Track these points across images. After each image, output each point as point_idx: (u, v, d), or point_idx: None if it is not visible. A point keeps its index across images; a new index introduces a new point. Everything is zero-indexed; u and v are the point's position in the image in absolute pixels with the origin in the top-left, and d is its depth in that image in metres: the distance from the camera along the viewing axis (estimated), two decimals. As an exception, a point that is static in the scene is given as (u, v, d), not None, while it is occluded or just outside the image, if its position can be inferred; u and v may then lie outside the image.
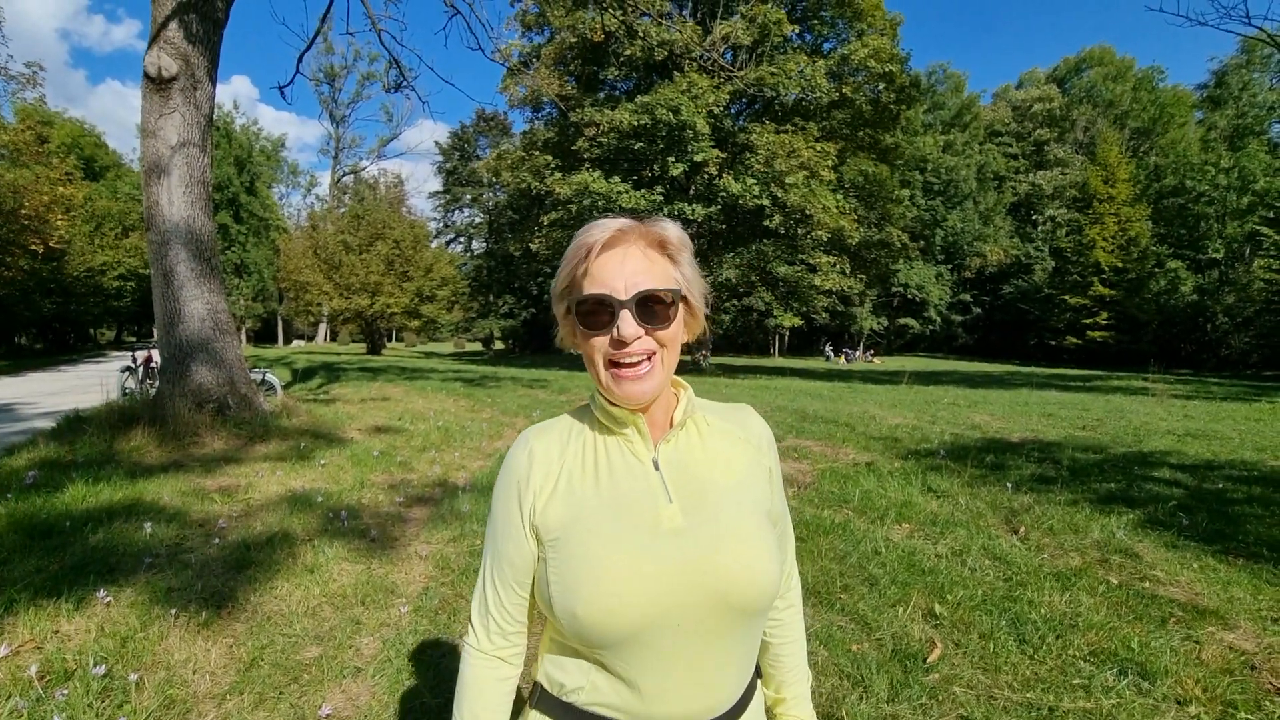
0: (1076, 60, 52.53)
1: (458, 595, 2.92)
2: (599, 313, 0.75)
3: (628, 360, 0.75)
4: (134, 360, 8.96)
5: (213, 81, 6.12)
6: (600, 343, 0.76)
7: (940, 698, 2.15)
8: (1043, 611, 2.74)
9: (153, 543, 3.31)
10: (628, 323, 0.74)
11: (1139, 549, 3.46)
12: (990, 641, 2.49)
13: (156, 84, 5.67)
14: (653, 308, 0.75)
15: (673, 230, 0.80)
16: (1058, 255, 40.64)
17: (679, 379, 0.88)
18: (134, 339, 40.66)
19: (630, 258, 0.76)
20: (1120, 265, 36.10)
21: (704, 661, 0.75)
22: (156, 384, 7.08)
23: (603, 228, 0.77)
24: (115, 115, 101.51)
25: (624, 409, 0.80)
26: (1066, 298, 37.42)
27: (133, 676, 2.14)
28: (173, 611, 2.57)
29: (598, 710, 0.77)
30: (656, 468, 0.80)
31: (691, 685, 0.75)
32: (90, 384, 10.56)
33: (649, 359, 0.76)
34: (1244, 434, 7.35)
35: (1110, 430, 7.60)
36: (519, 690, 0.89)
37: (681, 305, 0.80)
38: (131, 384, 8.70)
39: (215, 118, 6.52)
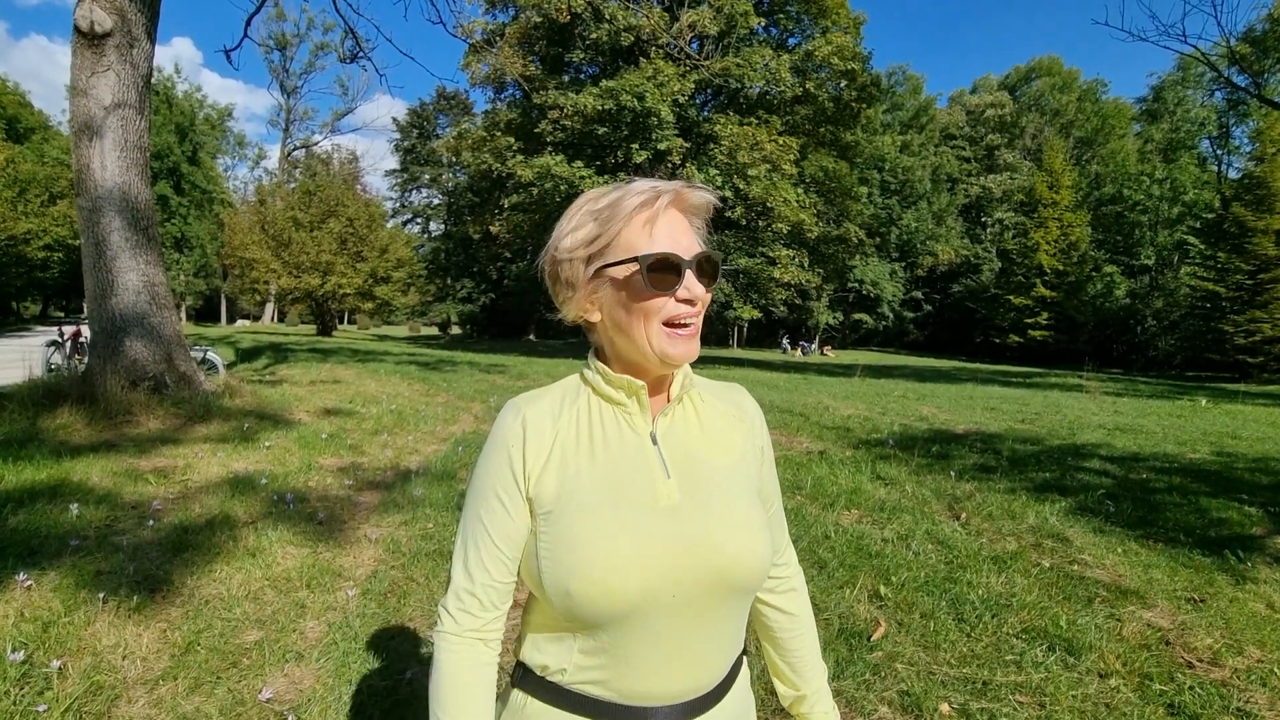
0: (1027, 69, 54.48)
1: (408, 579, 2.87)
2: (668, 272, 0.75)
3: (687, 320, 0.77)
4: (61, 335, 8.42)
5: (151, 40, 5.75)
6: (660, 303, 0.76)
7: (883, 674, 2.23)
8: (980, 592, 2.86)
9: (80, 524, 3.13)
10: (696, 282, 0.76)
11: (1070, 534, 3.65)
12: (931, 621, 2.59)
13: (89, 39, 5.30)
14: (707, 269, 0.78)
15: (700, 196, 0.80)
16: (1004, 257, 42.30)
17: None
18: (62, 313, 38.30)
19: (679, 217, 0.79)
20: (1061, 268, 37.83)
21: (693, 639, 0.76)
22: (85, 360, 6.68)
23: (655, 187, 0.77)
24: (41, 73, 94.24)
25: (626, 380, 0.79)
26: (1011, 298, 39.01)
27: (55, 663, 2.02)
28: (101, 595, 2.44)
29: (582, 689, 0.76)
30: (655, 442, 0.79)
31: (680, 662, 0.75)
32: (12, 359, 9.88)
33: (696, 323, 0.79)
34: (1167, 429, 7.84)
35: (1047, 424, 7.99)
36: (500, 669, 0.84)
37: None
38: (58, 359, 8.18)
39: (155, 81, 6.15)
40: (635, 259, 0.74)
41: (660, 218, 0.76)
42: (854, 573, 3.04)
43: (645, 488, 0.76)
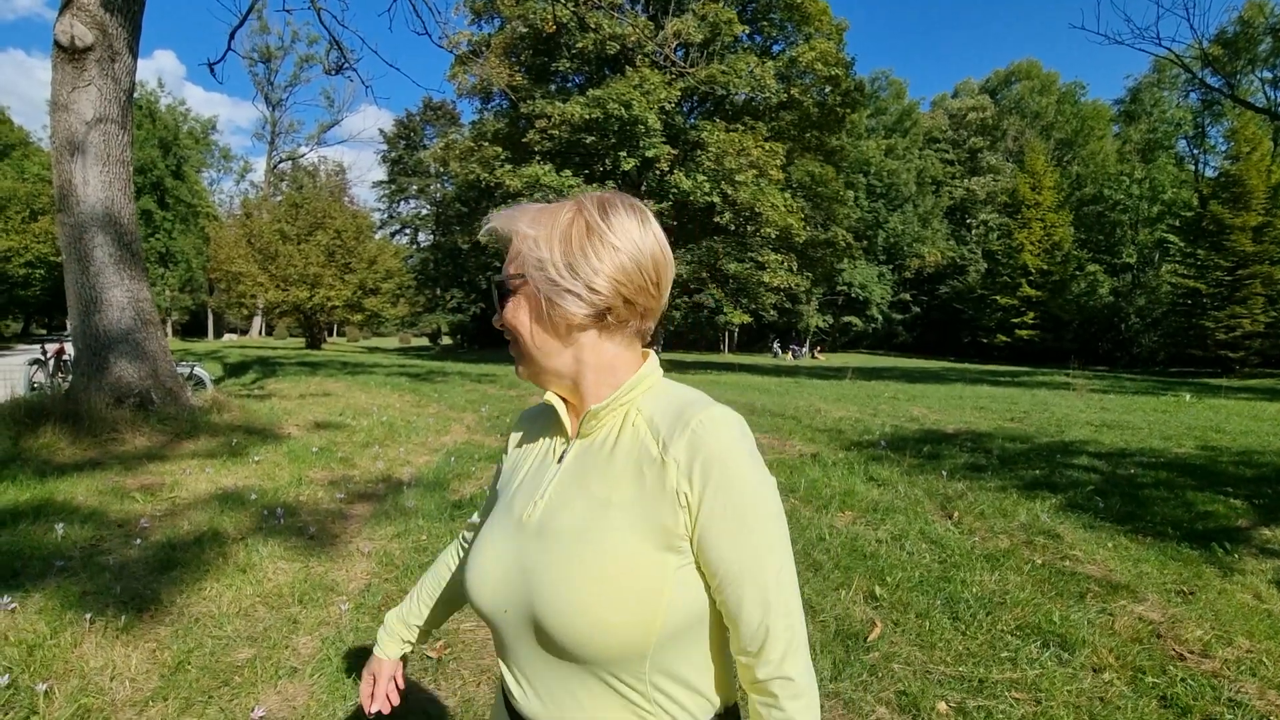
0: (1006, 73, 55.28)
1: (402, 591, 2.84)
2: None
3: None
4: (44, 353, 8.31)
5: (133, 54, 5.72)
6: None
7: (880, 674, 2.23)
8: (974, 590, 2.88)
9: (64, 545, 3.08)
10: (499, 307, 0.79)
11: (1060, 530, 3.68)
12: (926, 620, 2.60)
13: (69, 54, 5.26)
14: (496, 296, 0.78)
15: (524, 212, 0.76)
16: (989, 257, 42.74)
17: (651, 355, 0.78)
18: (44, 331, 37.79)
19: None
20: (1045, 268, 38.27)
21: (551, 679, 0.71)
22: (69, 378, 6.60)
23: None
24: (18, 88, 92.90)
25: (547, 395, 0.79)
26: (997, 298, 39.39)
27: (41, 686, 1.99)
28: (87, 616, 2.40)
29: (507, 695, 0.79)
30: (559, 461, 0.77)
31: (550, 700, 0.71)
32: (-7, 379, 9.74)
33: (515, 342, 0.78)
34: (1152, 424, 7.93)
35: (1036, 422, 8.06)
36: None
37: (521, 291, 0.75)
38: (41, 377, 8.07)
39: (137, 95, 6.11)
40: None
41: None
42: (849, 574, 3.05)
43: (525, 505, 0.76)
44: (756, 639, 0.68)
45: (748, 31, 21.18)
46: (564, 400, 0.78)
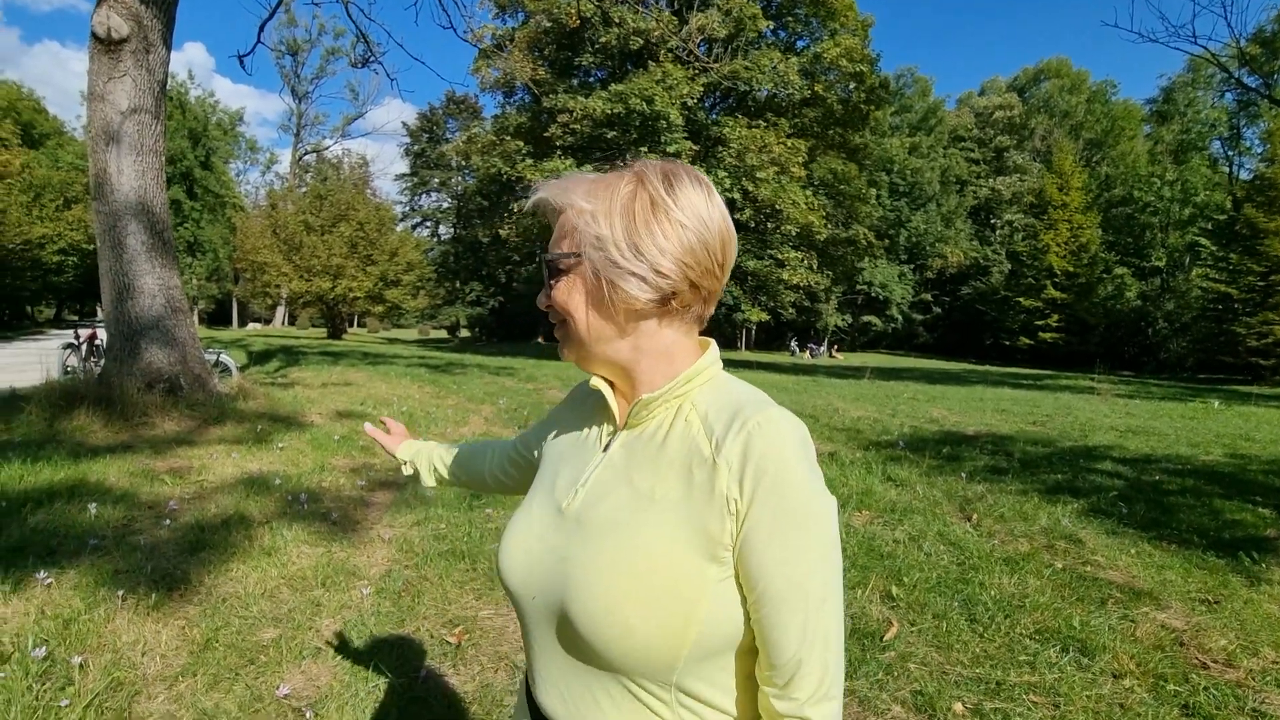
0: (1035, 71, 54.18)
1: (422, 578, 2.89)
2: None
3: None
4: (77, 337, 8.53)
5: (167, 45, 5.84)
6: None
7: (896, 673, 2.23)
8: (993, 593, 2.85)
9: (98, 524, 3.18)
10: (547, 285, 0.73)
11: (1082, 535, 3.63)
12: (944, 621, 2.59)
13: (106, 45, 5.38)
14: (546, 274, 0.72)
15: (579, 183, 0.70)
16: (1014, 259, 42.03)
17: (711, 345, 0.75)
18: (76, 317, 38.78)
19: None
20: (1071, 270, 37.54)
21: (575, 685, 0.68)
22: (101, 363, 6.78)
23: None
24: (52, 79, 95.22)
25: (596, 380, 0.74)
26: (1021, 300, 38.74)
27: (76, 659, 2.06)
28: (120, 593, 2.48)
29: (529, 685, 0.78)
30: (605, 450, 0.73)
31: (567, 695, 0.69)
32: (28, 362, 10.03)
33: (563, 324, 0.72)
34: (1179, 431, 7.76)
35: (1058, 426, 7.93)
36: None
37: (575, 270, 0.69)
38: (74, 362, 8.29)
39: (169, 87, 6.24)
40: None
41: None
42: (866, 573, 3.04)
43: (567, 487, 0.73)
44: (786, 670, 0.61)
45: (772, 27, 21.05)
46: (611, 385, 0.74)
